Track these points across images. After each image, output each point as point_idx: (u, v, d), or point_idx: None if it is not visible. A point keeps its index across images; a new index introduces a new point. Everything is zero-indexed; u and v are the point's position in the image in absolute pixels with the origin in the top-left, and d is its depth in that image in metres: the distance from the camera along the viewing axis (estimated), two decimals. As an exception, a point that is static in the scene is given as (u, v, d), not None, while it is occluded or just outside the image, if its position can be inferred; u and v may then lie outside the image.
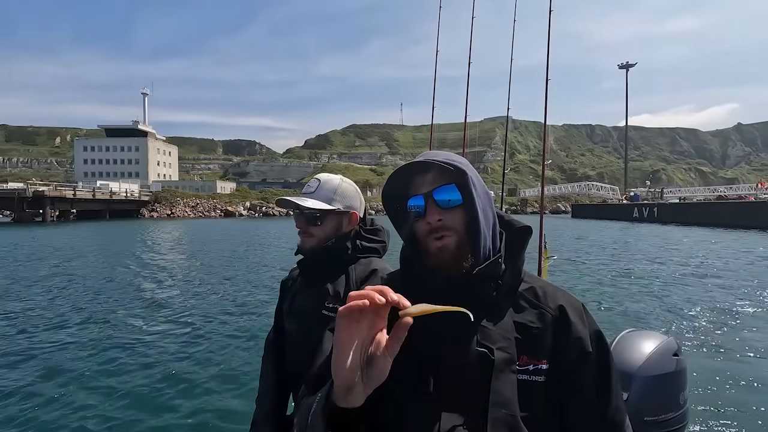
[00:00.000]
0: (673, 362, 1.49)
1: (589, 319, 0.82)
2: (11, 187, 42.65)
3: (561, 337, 0.78)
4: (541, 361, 0.77)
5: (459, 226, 0.80)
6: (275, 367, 1.44)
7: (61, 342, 5.12)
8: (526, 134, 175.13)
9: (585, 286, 8.50)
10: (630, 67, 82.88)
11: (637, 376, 1.42)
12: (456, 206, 0.80)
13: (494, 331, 0.77)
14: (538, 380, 0.76)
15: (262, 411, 1.40)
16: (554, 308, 0.81)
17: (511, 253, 0.83)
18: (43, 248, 16.02)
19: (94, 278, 9.54)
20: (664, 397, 1.45)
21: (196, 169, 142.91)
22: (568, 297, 0.84)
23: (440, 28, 4.57)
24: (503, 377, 0.74)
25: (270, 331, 1.52)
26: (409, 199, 0.83)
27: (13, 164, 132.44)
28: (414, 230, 0.84)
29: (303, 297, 1.36)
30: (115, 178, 69.09)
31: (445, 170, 0.79)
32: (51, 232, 26.17)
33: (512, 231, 0.86)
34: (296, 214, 1.36)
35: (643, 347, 1.51)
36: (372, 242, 1.38)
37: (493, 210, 0.85)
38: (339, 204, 1.34)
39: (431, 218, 0.79)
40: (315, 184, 1.36)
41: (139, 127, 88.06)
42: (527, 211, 73.99)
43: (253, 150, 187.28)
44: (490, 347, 0.75)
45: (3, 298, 7.53)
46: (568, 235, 22.31)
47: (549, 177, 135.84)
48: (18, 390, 3.76)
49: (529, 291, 0.83)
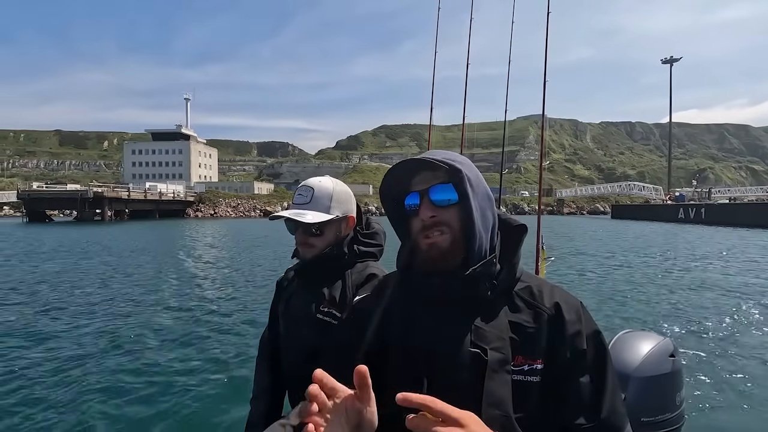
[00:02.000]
0: (669, 363, 1.50)
1: (586, 318, 0.81)
2: (74, 189, 46.37)
3: (556, 336, 0.77)
4: (536, 361, 0.76)
5: (454, 224, 0.80)
6: (270, 368, 1.43)
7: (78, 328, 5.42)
8: (560, 132, 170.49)
9: (592, 285, 8.43)
10: (674, 62, 79.40)
11: (634, 377, 1.43)
12: (451, 205, 0.80)
13: (488, 331, 0.77)
14: (534, 380, 0.75)
15: (257, 412, 1.39)
16: (550, 307, 0.80)
17: (507, 252, 0.83)
18: (117, 244, 17.40)
19: (149, 274, 10.15)
20: (661, 397, 1.45)
21: (232, 170, 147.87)
22: (565, 295, 0.83)
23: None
24: (497, 377, 0.74)
25: (264, 331, 1.53)
26: (406, 197, 0.84)
27: (65, 167, 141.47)
28: (409, 228, 0.85)
29: (298, 300, 1.35)
30: (160, 179, 72.78)
31: (441, 169, 0.79)
32: (111, 229, 28.15)
33: (508, 229, 0.86)
34: (291, 225, 1.32)
35: (640, 348, 1.52)
36: (369, 246, 1.37)
37: (493, 212, 0.85)
38: (337, 210, 1.31)
39: (424, 215, 0.80)
40: (308, 192, 1.30)
41: (182, 131, 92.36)
42: (564, 212, 72.26)
43: (286, 151, 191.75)
44: (484, 347, 0.75)
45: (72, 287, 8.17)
46: (603, 234, 21.88)
47: (585, 177, 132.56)
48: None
49: (525, 290, 0.82)
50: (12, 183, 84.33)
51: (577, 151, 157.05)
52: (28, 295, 7.61)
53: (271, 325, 1.46)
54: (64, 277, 9.42)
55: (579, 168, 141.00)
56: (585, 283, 8.79)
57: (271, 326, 1.47)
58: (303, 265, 1.34)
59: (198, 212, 55.70)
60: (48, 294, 7.65)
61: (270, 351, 1.44)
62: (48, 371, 4.07)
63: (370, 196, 67.86)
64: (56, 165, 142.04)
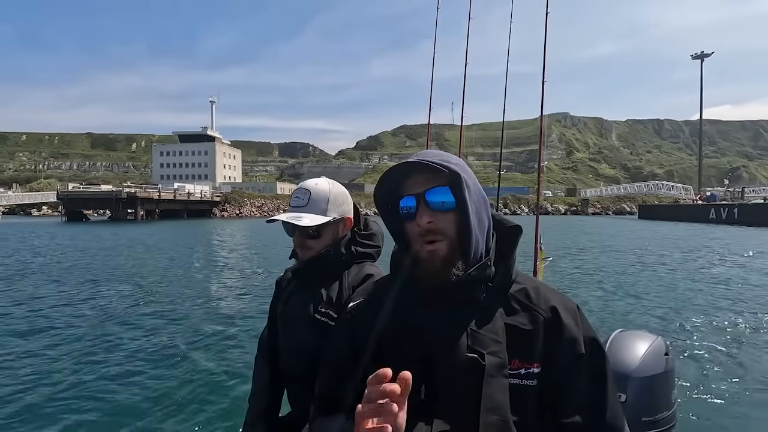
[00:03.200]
0: (664, 361, 1.52)
1: (583, 321, 0.80)
2: (108, 189, 48.46)
3: (553, 339, 0.76)
4: (533, 365, 0.75)
5: (450, 231, 0.78)
6: (269, 367, 1.43)
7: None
8: (585, 131, 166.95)
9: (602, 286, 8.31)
10: (705, 57, 76.79)
11: (634, 377, 1.44)
12: (448, 209, 0.78)
13: (485, 335, 0.75)
14: (531, 384, 0.74)
15: (255, 410, 1.39)
16: (546, 309, 0.79)
17: (502, 253, 0.82)
18: (162, 241, 18.24)
19: (178, 270, 10.74)
20: (658, 396, 1.47)
21: (254, 170, 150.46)
22: (562, 298, 0.82)
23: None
24: (494, 382, 0.73)
25: (263, 330, 1.53)
26: (400, 200, 0.81)
27: (97, 168, 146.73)
28: (405, 232, 0.82)
29: (297, 300, 1.35)
30: (187, 180, 74.88)
31: (438, 172, 0.76)
32: (149, 228, 29.34)
33: (503, 231, 0.85)
34: (288, 228, 1.32)
35: (637, 348, 1.53)
36: (366, 247, 1.37)
37: (488, 213, 0.83)
38: (334, 212, 1.31)
39: (421, 220, 0.77)
40: (305, 195, 1.30)
41: (208, 133, 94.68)
42: (588, 212, 70.85)
43: (306, 152, 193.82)
44: (481, 352, 0.74)
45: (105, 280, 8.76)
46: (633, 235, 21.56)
47: (611, 176, 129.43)
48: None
49: (521, 292, 0.81)
50: (50, 184, 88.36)
51: (602, 150, 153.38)
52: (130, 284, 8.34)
53: (270, 325, 1.48)
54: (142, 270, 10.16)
55: (604, 167, 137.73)
56: (586, 280, 8.92)
57: (269, 325, 1.49)
58: (301, 267, 1.36)
59: (224, 212, 57.20)
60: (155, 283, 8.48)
61: (268, 350, 1.45)
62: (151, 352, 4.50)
63: (391, 196, 68.04)
64: (88, 166, 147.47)
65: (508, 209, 72.41)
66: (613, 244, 17.29)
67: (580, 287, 8.17)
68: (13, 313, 6.28)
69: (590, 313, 6.10)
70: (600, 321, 5.77)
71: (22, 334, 5.27)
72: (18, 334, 5.24)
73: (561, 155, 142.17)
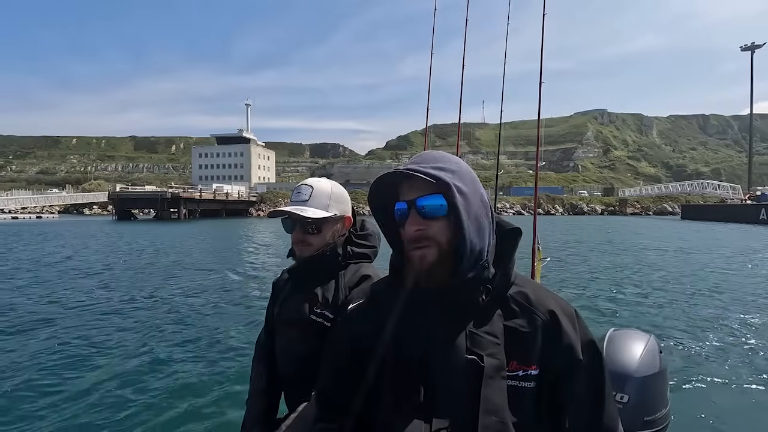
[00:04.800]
0: (659, 359, 1.54)
1: (581, 326, 0.80)
2: (153, 190, 51.29)
3: (551, 343, 0.77)
4: (531, 367, 0.75)
5: (440, 238, 0.78)
6: (266, 369, 1.43)
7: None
8: (623, 128, 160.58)
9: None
10: (756, 49, 72.39)
11: (636, 377, 1.45)
12: (440, 216, 0.77)
13: (484, 337, 0.76)
14: (528, 386, 0.75)
15: (253, 413, 1.39)
16: (545, 312, 0.79)
17: (502, 255, 0.82)
18: (217, 239, 19.41)
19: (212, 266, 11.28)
20: (657, 395, 1.49)
21: (286, 171, 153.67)
22: (560, 302, 0.82)
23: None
24: (493, 384, 0.73)
25: (261, 332, 1.53)
26: (395, 204, 0.81)
27: (139, 170, 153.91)
28: (399, 236, 0.83)
29: (293, 301, 1.35)
30: (224, 180, 77.72)
31: (434, 178, 0.76)
32: (193, 226, 30.92)
33: (502, 233, 0.85)
34: (288, 223, 1.33)
35: (635, 348, 1.54)
36: (363, 247, 1.37)
37: (489, 217, 0.82)
38: (335, 209, 1.33)
39: (410, 227, 0.78)
40: (308, 190, 1.32)
41: (243, 135, 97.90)
42: (627, 212, 68.35)
43: (337, 152, 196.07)
44: (480, 354, 0.74)
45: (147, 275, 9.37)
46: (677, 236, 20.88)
47: (651, 175, 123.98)
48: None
49: (519, 294, 0.81)
50: (99, 185, 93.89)
51: (642, 147, 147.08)
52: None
53: (267, 327, 1.48)
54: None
55: (644, 165, 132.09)
56: (589, 279, 8.95)
57: (266, 327, 1.49)
58: (298, 265, 1.36)
59: (260, 211, 59.20)
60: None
61: (265, 352, 1.45)
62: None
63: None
64: (131, 168, 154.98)
65: (541, 209, 70.97)
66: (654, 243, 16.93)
67: (593, 284, 8.17)
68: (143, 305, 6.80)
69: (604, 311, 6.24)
70: (635, 316, 5.88)
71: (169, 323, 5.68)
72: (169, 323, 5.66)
73: (597, 153, 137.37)
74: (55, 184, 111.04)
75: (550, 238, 20.32)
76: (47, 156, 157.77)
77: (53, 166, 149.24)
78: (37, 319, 5.85)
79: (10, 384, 3.74)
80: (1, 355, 4.48)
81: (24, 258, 12.87)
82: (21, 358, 4.38)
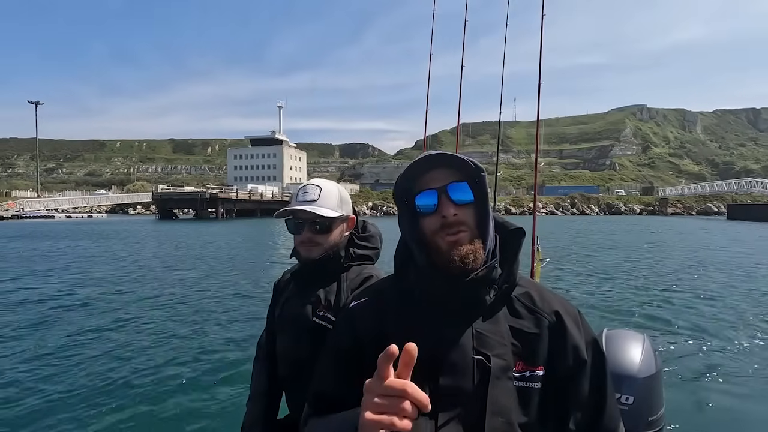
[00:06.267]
0: (656, 359, 1.55)
1: (584, 326, 0.81)
2: (192, 191, 53.84)
3: (557, 344, 0.77)
4: (537, 368, 0.76)
5: (471, 223, 0.78)
6: (266, 371, 1.43)
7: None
8: (664, 124, 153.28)
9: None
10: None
11: (639, 378, 1.45)
12: (469, 203, 0.78)
13: (491, 338, 0.76)
14: (534, 387, 0.75)
15: (253, 414, 1.38)
16: (550, 314, 0.80)
17: (507, 256, 0.82)
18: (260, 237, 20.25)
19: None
20: (657, 394, 1.50)
21: (317, 171, 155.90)
22: (564, 303, 0.83)
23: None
24: (500, 385, 0.73)
25: (262, 334, 1.53)
26: (418, 195, 0.80)
27: (177, 171, 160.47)
28: (421, 228, 0.81)
29: (295, 303, 1.34)
30: (258, 181, 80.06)
31: (460, 167, 0.77)
32: (229, 225, 32.16)
33: (505, 233, 0.84)
34: (297, 224, 1.29)
35: (634, 348, 1.54)
36: (365, 249, 1.37)
37: (491, 214, 0.84)
38: (342, 210, 1.31)
39: (447, 212, 0.77)
40: (316, 190, 1.29)
41: (276, 136, 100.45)
42: (668, 212, 65.41)
43: (366, 152, 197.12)
44: (487, 354, 0.74)
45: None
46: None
47: (695, 173, 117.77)
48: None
49: (524, 295, 0.82)
50: (142, 186, 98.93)
51: (685, 144, 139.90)
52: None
53: (269, 329, 1.48)
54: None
55: (686, 163, 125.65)
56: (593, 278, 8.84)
57: (268, 329, 1.48)
58: (304, 266, 1.34)
59: (293, 211, 60.85)
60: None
61: (267, 354, 1.45)
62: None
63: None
64: (170, 170, 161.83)
65: (576, 209, 69.00)
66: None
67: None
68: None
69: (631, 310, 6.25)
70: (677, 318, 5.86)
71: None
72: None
73: (636, 151, 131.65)
74: (101, 185, 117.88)
75: (584, 239, 19.67)
76: (94, 158, 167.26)
77: (99, 168, 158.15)
78: (142, 314, 6.27)
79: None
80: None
81: (127, 256, 13.61)
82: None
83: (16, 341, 4.91)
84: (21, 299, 7.09)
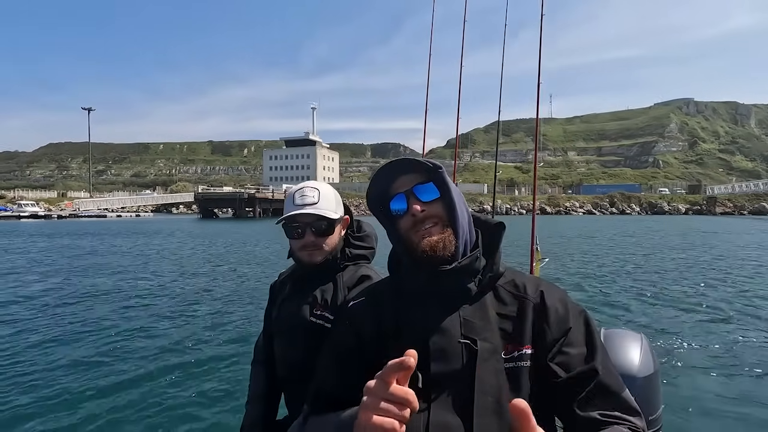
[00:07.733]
0: (654, 359, 1.55)
1: (570, 303, 0.85)
2: (231, 191, 56.29)
3: (542, 320, 0.81)
4: (525, 347, 0.80)
5: (440, 215, 0.86)
6: (265, 372, 1.43)
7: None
8: (713, 118, 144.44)
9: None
10: None
11: (636, 378, 1.46)
12: (436, 198, 0.87)
13: (477, 323, 0.81)
14: (524, 365, 0.79)
15: (252, 416, 1.39)
16: (534, 296, 0.84)
17: (489, 248, 0.89)
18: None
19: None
20: (655, 394, 1.51)
21: (348, 171, 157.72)
22: (550, 286, 0.87)
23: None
24: (487, 366, 0.77)
25: (259, 337, 1.53)
26: (390, 200, 0.89)
27: (216, 172, 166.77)
28: (398, 229, 0.89)
29: (292, 303, 1.34)
30: (292, 181, 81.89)
31: (421, 169, 0.87)
32: (267, 224, 33.02)
33: (487, 228, 0.92)
34: (292, 228, 1.28)
35: (632, 348, 1.54)
36: (361, 249, 1.38)
37: (467, 208, 0.91)
38: (340, 211, 1.33)
39: (414, 210, 0.85)
40: (314, 193, 1.27)
41: (310, 137, 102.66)
42: (716, 212, 61.63)
43: (397, 152, 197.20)
44: (474, 338, 0.79)
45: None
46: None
47: (748, 170, 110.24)
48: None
49: (509, 283, 0.87)
50: (184, 186, 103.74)
51: (737, 139, 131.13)
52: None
53: (266, 330, 1.48)
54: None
55: (739, 159, 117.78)
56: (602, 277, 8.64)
57: (265, 331, 1.48)
58: (307, 270, 1.32)
59: (326, 210, 62.15)
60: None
61: (264, 355, 1.45)
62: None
63: (485, 195, 66.82)
64: (209, 171, 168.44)
65: (615, 208, 66.44)
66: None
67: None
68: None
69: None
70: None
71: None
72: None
73: (682, 147, 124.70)
74: (145, 185, 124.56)
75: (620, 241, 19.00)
76: (139, 161, 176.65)
77: (144, 170, 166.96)
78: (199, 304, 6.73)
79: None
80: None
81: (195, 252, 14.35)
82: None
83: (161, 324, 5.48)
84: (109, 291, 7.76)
